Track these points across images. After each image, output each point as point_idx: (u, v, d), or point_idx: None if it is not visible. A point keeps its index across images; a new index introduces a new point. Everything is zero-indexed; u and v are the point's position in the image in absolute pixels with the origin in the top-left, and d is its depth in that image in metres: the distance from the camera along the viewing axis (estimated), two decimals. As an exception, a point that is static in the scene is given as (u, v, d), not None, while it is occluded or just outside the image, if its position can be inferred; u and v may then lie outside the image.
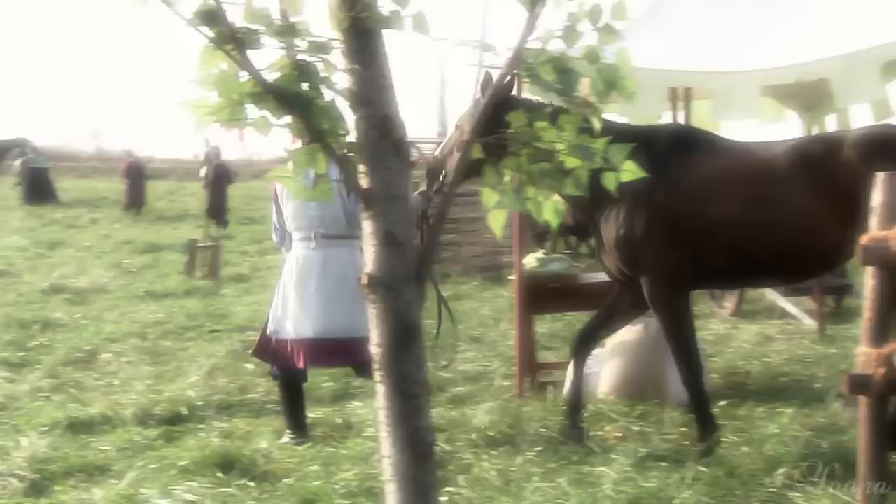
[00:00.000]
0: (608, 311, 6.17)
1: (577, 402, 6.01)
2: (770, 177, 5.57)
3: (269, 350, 6.15)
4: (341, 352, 5.97)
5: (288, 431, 6.11)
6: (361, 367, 5.93)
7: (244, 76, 2.60)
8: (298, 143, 3.01)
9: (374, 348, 2.82)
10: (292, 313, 5.98)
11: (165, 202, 30.93)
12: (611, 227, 5.77)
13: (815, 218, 5.42)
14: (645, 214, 5.64)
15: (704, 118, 8.03)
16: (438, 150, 6.12)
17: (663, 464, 5.29)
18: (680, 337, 5.69)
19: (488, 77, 4.87)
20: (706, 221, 5.57)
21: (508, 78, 5.46)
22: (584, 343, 6.18)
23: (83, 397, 7.26)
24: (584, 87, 3.01)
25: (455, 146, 5.74)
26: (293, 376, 6.13)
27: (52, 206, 26.17)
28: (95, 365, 8.53)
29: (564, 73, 2.85)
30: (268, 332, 6.11)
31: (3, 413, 6.88)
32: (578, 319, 9.52)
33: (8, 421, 6.64)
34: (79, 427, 6.40)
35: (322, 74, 2.68)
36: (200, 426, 6.40)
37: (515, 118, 2.95)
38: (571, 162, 2.99)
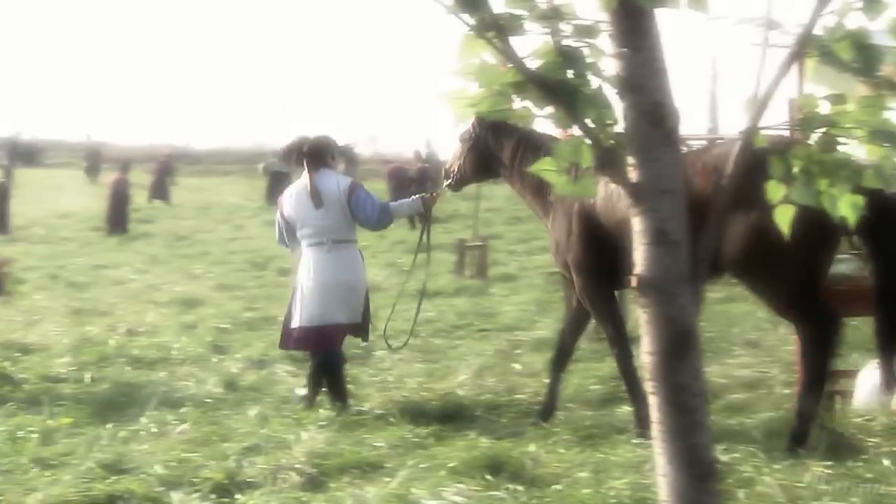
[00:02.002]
0: (575, 318, 6.70)
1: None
2: None
3: (292, 339, 7.11)
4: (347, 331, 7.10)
5: (305, 392, 7.13)
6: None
7: (506, 65, 2.47)
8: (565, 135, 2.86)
9: (645, 356, 2.60)
10: (320, 303, 6.96)
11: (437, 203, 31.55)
12: (551, 231, 6.51)
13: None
14: (567, 220, 6.32)
15: None
16: (450, 157, 7.19)
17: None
18: (608, 326, 6.40)
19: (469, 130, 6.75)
20: (611, 223, 5.97)
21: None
22: (563, 356, 6.66)
23: (359, 393, 7.43)
24: (888, 68, 2.66)
25: (460, 154, 7.00)
26: (333, 356, 7.01)
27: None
28: (370, 361, 8.73)
29: (865, 49, 2.53)
30: (299, 323, 7.01)
31: (286, 407, 7.14)
32: (867, 323, 8.81)
33: (290, 415, 6.88)
34: (354, 423, 6.54)
35: (588, 60, 2.51)
36: (469, 425, 6.39)
37: (807, 101, 2.64)
38: (872, 151, 2.65)
